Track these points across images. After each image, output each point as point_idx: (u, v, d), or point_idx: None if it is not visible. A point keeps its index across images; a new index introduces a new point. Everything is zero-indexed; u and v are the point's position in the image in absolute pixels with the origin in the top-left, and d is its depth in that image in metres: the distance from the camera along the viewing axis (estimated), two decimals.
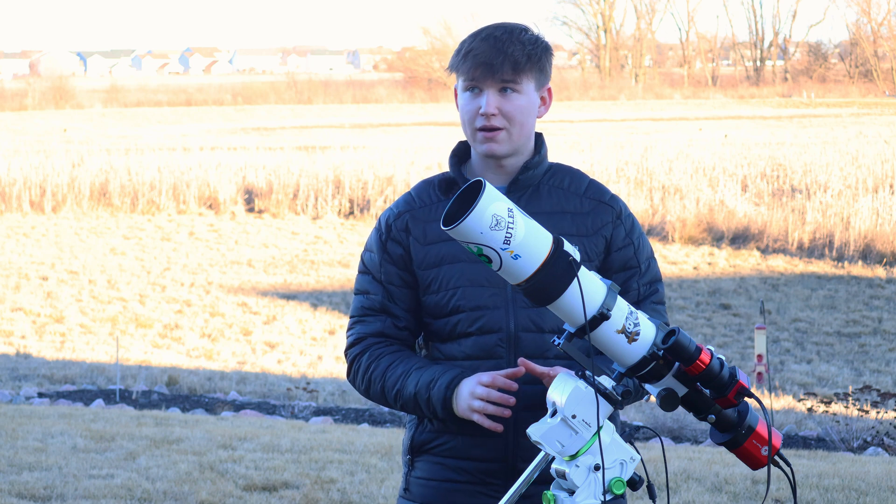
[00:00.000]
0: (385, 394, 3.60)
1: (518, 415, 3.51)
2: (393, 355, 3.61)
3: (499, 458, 3.57)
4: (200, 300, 20.03)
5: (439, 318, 3.61)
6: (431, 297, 3.61)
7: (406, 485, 3.70)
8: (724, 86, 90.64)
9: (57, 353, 16.49)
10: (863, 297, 20.26)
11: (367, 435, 10.93)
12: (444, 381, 3.49)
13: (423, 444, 3.65)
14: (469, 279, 3.57)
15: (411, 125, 55.91)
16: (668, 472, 7.97)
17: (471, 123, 3.60)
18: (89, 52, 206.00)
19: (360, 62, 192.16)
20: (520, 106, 3.58)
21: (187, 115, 66.67)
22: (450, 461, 3.61)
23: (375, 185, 29.49)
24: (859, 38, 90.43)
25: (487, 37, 3.58)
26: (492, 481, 3.58)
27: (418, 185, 3.73)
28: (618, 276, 3.63)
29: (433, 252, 3.61)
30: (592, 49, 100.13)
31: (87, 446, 9.67)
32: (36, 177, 30.60)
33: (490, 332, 3.56)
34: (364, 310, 3.67)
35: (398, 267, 3.64)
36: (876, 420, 11.88)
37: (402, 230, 3.64)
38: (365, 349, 3.65)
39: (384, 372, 3.59)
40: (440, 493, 3.63)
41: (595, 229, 3.63)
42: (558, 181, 3.67)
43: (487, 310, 3.56)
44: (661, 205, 26.44)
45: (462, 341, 3.58)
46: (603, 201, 3.66)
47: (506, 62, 3.55)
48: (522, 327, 3.56)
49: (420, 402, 3.53)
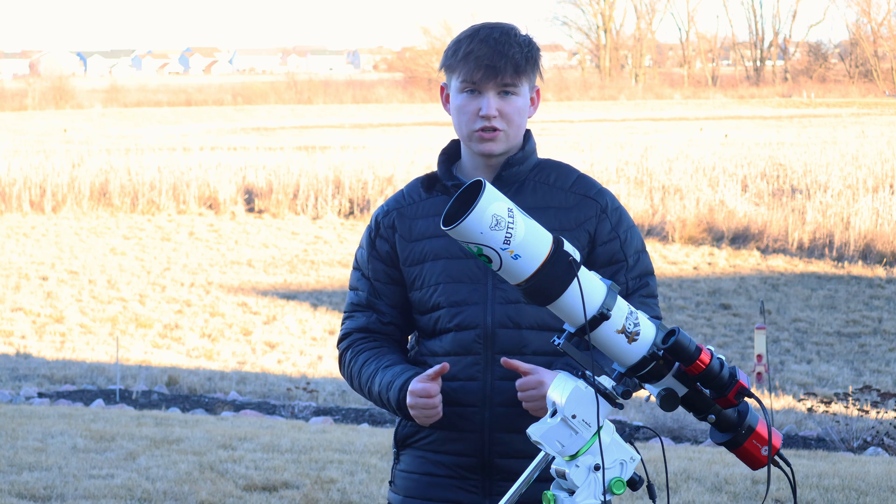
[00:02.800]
0: (361, 389, 3.70)
1: (494, 410, 3.57)
2: (370, 352, 3.70)
3: (475, 453, 3.61)
4: (200, 300, 20.03)
5: (423, 314, 3.66)
6: (416, 293, 3.66)
7: (392, 478, 3.77)
8: (724, 86, 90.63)
9: (57, 353, 16.49)
10: (863, 297, 20.26)
11: (367, 435, 10.93)
12: (398, 384, 3.58)
13: (406, 438, 3.72)
14: (449, 275, 3.61)
15: (411, 125, 55.91)
16: (668, 472, 7.97)
17: (469, 124, 3.62)
18: (89, 52, 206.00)
19: (360, 62, 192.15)
20: (518, 108, 3.61)
21: (187, 115, 66.66)
22: (430, 455, 3.67)
23: (375, 185, 29.49)
24: (859, 38, 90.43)
25: (486, 38, 3.59)
26: (468, 476, 3.62)
27: (410, 182, 3.78)
28: (604, 270, 3.64)
29: (417, 249, 3.65)
30: (592, 49, 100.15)
31: (87, 446, 9.67)
32: (36, 177, 30.59)
33: (468, 329, 3.60)
34: (353, 305, 3.76)
35: (385, 263, 3.69)
36: (876, 420, 11.88)
37: (389, 227, 3.70)
38: (349, 345, 3.74)
39: (360, 368, 3.69)
40: (421, 487, 3.67)
41: (578, 223, 3.64)
42: (544, 177, 3.69)
43: (466, 306, 3.60)
44: (661, 205, 26.44)
45: (443, 337, 3.63)
46: (588, 196, 3.67)
47: (508, 65, 3.56)
48: (500, 323, 3.59)
49: (384, 402, 3.62)
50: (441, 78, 3.77)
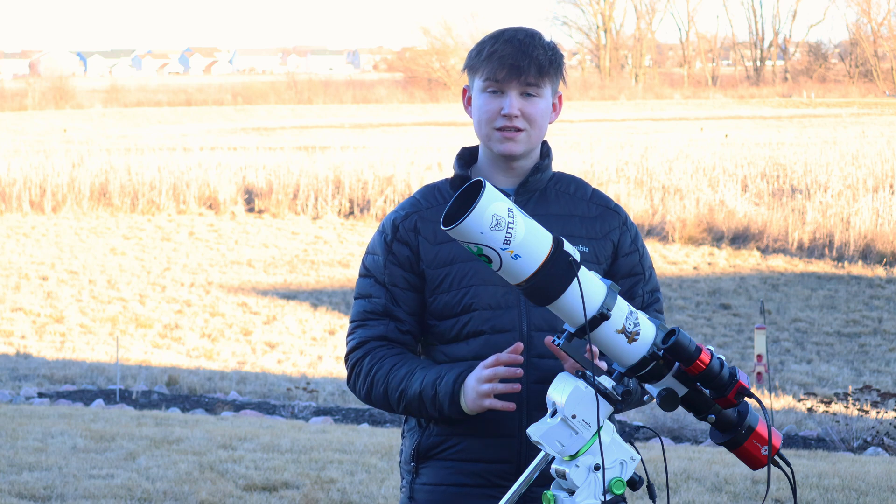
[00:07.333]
0: (388, 395, 3.54)
1: (531, 414, 3.48)
2: (396, 357, 3.57)
3: (511, 459, 3.54)
4: (200, 300, 20.03)
5: (448, 318, 3.57)
6: (442, 296, 3.57)
7: (410, 493, 3.64)
8: (724, 86, 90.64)
9: (57, 353, 16.49)
10: (863, 297, 20.26)
11: (367, 435, 10.93)
12: (452, 377, 3.46)
13: (430, 449, 3.60)
14: (482, 278, 3.55)
15: (411, 125, 55.91)
16: (668, 472, 7.97)
17: (490, 123, 3.58)
18: (89, 52, 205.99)
19: (360, 62, 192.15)
20: (541, 109, 3.59)
21: (187, 115, 66.67)
22: (459, 465, 3.57)
23: (375, 185, 29.49)
24: (859, 38, 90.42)
25: (511, 39, 3.58)
26: (501, 483, 3.53)
27: (421, 189, 3.71)
28: (624, 281, 3.64)
29: (444, 251, 3.58)
30: (592, 49, 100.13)
31: (87, 446, 9.67)
32: (36, 177, 30.59)
33: (503, 332, 3.53)
34: (366, 314, 3.62)
35: (404, 269, 3.61)
36: (876, 420, 11.89)
37: (410, 230, 3.61)
38: (367, 353, 3.60)
39: (388, 373, 3.55)
40: (447, 498, 3.58)
41: (604, 233, 3.64)
42: (564, 186, 3.68)
43: (500, 309, 3.54)
44: (661, 205, 26.44)
45: (471, 341, 3.54)
46: (609, 207, 3.68)
47: (531, 65, 3.55)
48: (535, 327, 3.53)
49: (425, 401, 3.48)
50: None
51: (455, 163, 3.69)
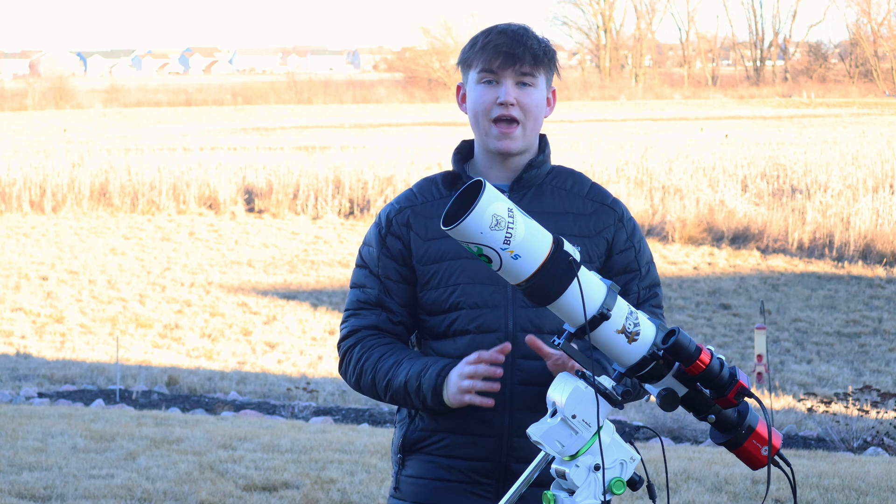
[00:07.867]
0: (375, 384, 3.58)
1: (513, 415, 3.52)
2: (385, 347, 3.60)
3: (492, 458, 3.56)
4: (200, 300, 20.03)
5: (436, 314, 3.60)
6: (430, 292, 3.60)
7: (396, 483, 3.69)
8: (724, 86, 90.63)
9: (57, 353, 16.49)
10: (863, 297, 20.26)
11: (367, 435, 10.93)
12: (436, 370, 3.49)
13: (415, 443, 3.64)
14: (470, 276, 3.56)
15: (411, 125, 55.91)
16: (668, 472, 7.97)
17: (486, 114, 3.59)
18: (89, 52, 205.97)
19: (360, 62, 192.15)
20: (536, 100, 3.60)
21: (187, 115, 66.67)
22: (442, 460, 3.60)
23: (375, 185, 29.49)
24: (859, 38, 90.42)
25: (504, 30, 3.60)
26: (483, 481, 3.57)
27: (419, 182, 3.72)
28: (619, 278, 3.63)
29: (434, 247, 3.60)
30: (592, 49, 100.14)
31: (87, 446, 9.67)
32: (36, 177, 30.59)
33: (488, 331, 3.55)
34: (359, 303, 3.66)
35: (396, 262, 3.63)
36: (876, 420, 11.88)
37: (402, 225, 3.63)
38: (357, 341, 3.64)
39: (376, 362, 3.59)
40: (430, 492, 3.61)
41: (597, 231, 3.63)
42: (561, 182, 3.67)
43: (487, 308, 3.55)
44: (661, 205, 26.44)
45: (458, 339, 3.56)
46: (605, 204, 3.67)
47: (526, 53, 3.57)
48: (521, 327, 3.54)
49: (410, 392, 3.52)
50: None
51: (452, 157, 3.69)
